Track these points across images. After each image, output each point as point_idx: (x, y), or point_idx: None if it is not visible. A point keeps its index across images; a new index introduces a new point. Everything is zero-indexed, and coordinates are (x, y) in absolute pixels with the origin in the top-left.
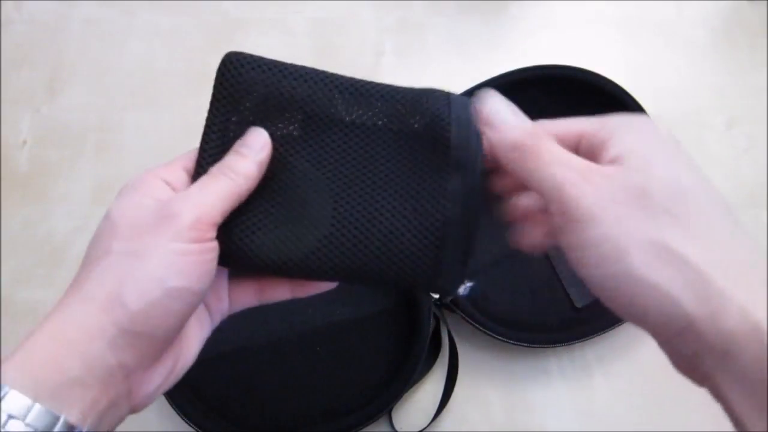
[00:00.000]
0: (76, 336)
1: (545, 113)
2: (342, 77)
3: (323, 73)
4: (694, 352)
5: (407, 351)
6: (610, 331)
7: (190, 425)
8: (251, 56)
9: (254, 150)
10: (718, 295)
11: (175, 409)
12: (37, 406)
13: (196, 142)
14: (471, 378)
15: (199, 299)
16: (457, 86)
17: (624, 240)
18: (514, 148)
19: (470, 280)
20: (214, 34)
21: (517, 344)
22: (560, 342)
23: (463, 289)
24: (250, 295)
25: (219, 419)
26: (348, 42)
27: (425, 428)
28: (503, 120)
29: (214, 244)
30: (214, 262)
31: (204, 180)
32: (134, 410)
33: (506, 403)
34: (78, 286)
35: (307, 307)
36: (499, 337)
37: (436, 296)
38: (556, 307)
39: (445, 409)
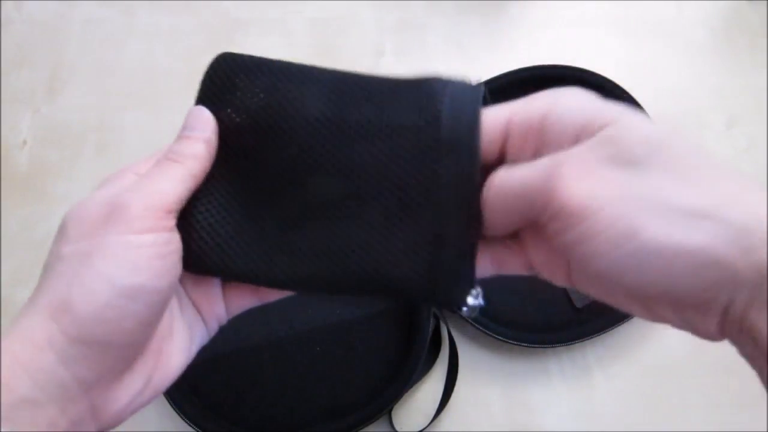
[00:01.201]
0: (22, 350)
1: None
2: (330, 72)
3: (311, 69)
4: (729, 299)
5: (407, 351)
6: (610, 331)
7: (189, 425)
8: (240, 57)
9: (197, 129)
10: (740, 230)
11: (174, 409)
12: None
13: None
14: (471, 378)
15: (162, 299)
16: None
17: (628, 213)
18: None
19: (478, 284)
20: (214, 34)
21: (517, 344)
22: (560, 342)
23: (473, 298)
24: (247, 295)
25: (219, 419)
26: (348, 42)
27: (425, 428)
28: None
29: (172, 235)
30: (174, 256)
31: (152, 169)
32: (105, 429)
33: (506, 403)
34: (31, 298)
35: (307, 307)
36: (499, 337)
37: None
38: (556, 307)
39: (445, 409)
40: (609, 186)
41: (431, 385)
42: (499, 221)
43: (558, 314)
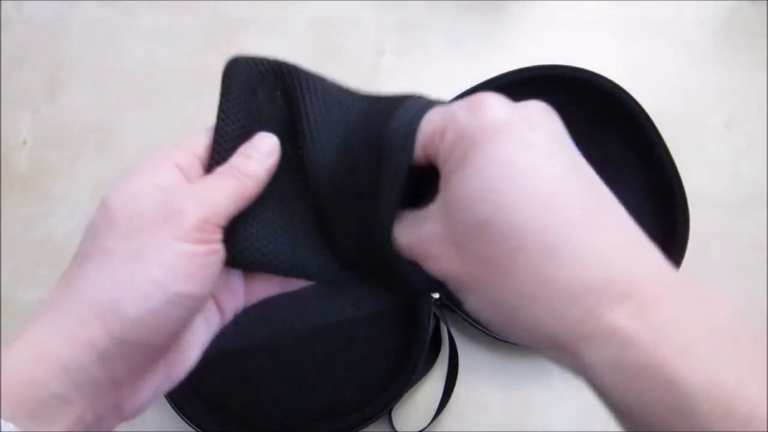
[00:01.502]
0: (60, 346)
1: None
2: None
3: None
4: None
5: (407, 351)
6: None
7: (190, 425)
8: (255, 57)
9: (263, 153)
10: (531, 327)
11: (175, 409)
12: (12, 427)
13: None
14: (471, 378)
15: (200, 306)
16: (457, 86)
17: (463, 290)
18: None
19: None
20: (214, 34)
21: (517, 344)
22: None
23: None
24: (273, 283)
25: (219, 419)
26: (348, 42)
27: (425, 428)
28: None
29: (219, 247)
30: (219, 266)
31: (211, 178)
32: (123, 421)
33: (506, 403)
34: (67, 286)
35: (307, 307)
36: (499, 337)
37: (436, 296)
38: None
39: (445, 409)
40: (453, 267)
41: (431, 385)
42: None
43: None
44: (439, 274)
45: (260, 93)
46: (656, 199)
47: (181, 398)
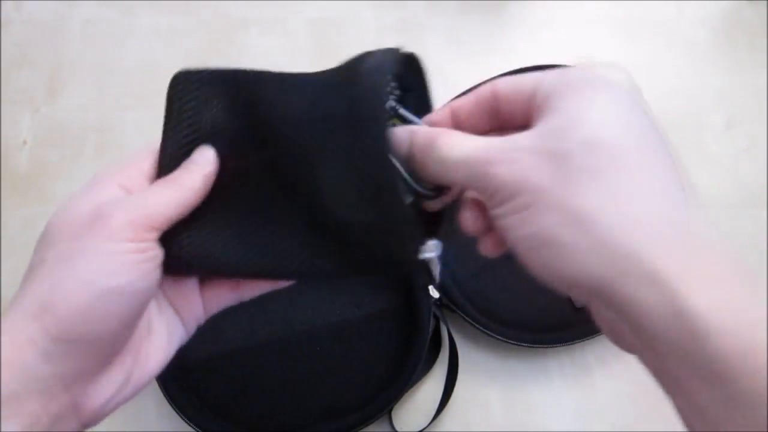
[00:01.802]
0: (6, 347)
1: None
2: (274, 74)
3: (261, 74)
4: (612, 316)
5: (407, 351)
6: None
7: (190, 425)
8: (198, 70)
9: (200, 165)
10: (626, 255)
11: (175, 410)
12: None
13: None
14: (471, 378)
15: (139, 301)
16: (457, 86)
17: (539, 205)
18: (424, 166)
19: (434, 238)
20: (214, 34)
21: (517, 344)
22: (560, 342)
23: (431, 251)
24: (226, 294)
25: (219, 419)
26: (348, 42)
27: (425, 428)
28: (402, 147)
29: (153, 246)
30: (153, 263)
31: (147, 188)
32: (86, 425)
33: (506, 403)
34: (14, 300)
35: (307, 307)
36: (499, 337)
37: (437, 296)
38: (556, 307)
39: (445, 409)
40: (536, 177)
41: (431, 385)
42: (443, 178)
43: (558, 314)
44: (511, 179)
45: (210, 102)
46: None
47: (181, 398)
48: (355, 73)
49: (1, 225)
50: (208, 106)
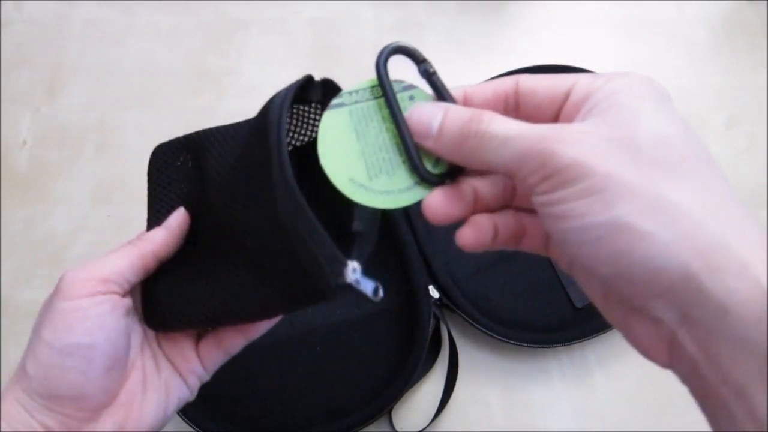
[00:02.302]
0: (5, 404)
1: None
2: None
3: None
4: (684, 313)
5: (407, 351)
6: (610, 331)
7: (190, 425)
8: (170, 142)
9: (170, 223)
10: (717, 246)
11: None
12: None
13: None
14: (471, 378)
15: (101, 352)
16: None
17: (613, 190)
18: (459, 143)
19: (356, 259)
20: (214, 34)
21: (517, 344)
22: (560, 342)
23: (353, 272)
24: (215, 351)
25: (219, 419)
26: (348, 42)
27: (425, 428)
28: (431, 122)
29: (109, 298)
30: (109, 315)
31: (109, 251)
32: None
33: (506, 403)
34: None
35: (308, 307)
36: (499, 337)
37: (437, 296)
38: (556, 307)
39: (445, 409)
40: (608, 164)
41: (431, 385)
42: (476, 163)
43: (558, 314)
44: (580, 160)
45: (179, 166)
46: None
47: None
48: (261, 113)
49: (1, 225)
50: (179, 174)
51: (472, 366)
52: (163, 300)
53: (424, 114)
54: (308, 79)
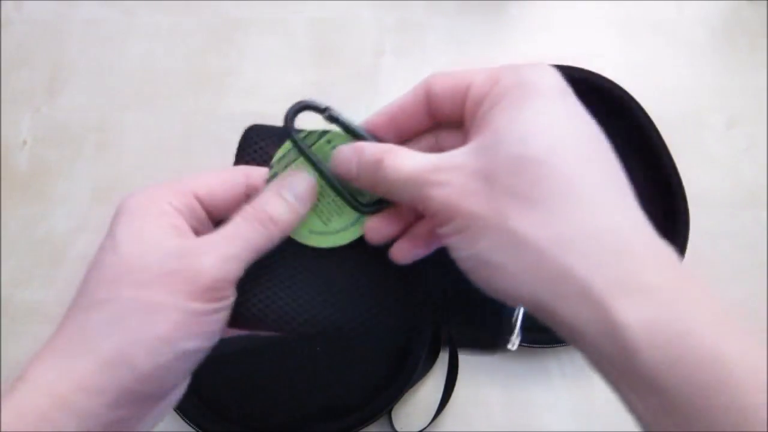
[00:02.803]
0: (73, 393)
1: None
2: None
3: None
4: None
5: (407, 351)
6: None
7: (190, 425)
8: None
9: (300, 199)
10: (560, 275)
11: (175, 409)
12: None
13: (195, 142)
14: (471, 378)
15: (206, 355)
16: None
17: (474, 228)
18: (374, 183)
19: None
20: (214, 34)
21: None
22: (560, 342)
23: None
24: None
25: (219, 419)
26: (348, 42)
27: (425, 428)
28: (350, 167)
29: (230, 302)
30: (226, 320)
31: (238, 223)
32: None
33: (506, 403)
34: (79, 332)
35: None
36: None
37: None
38: None
39: (445, 409)
40: (469, 202)
41: (431, 385)
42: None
43: None
44: (447, 202)
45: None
46: (656, 199)
47: (181, 398)
48: None
49: (1, 225)
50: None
51: (472, 366)
52: (258, 305)
53: (343, 161)
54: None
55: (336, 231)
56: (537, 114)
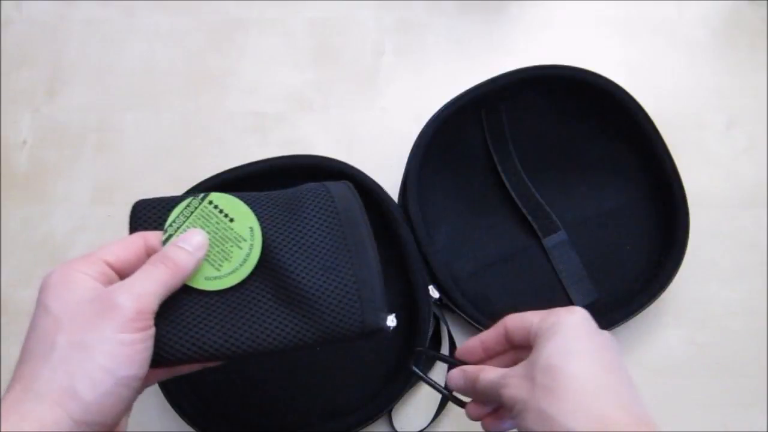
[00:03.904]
0: (34, 430)
1: (545, 113)
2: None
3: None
4: None
5: (407, 351)
6: (610, 332)
7: (190, 425)
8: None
9: (193, 246)
10: None
11: (175, 409)
12: None
13: (195, 142)
14: None
15: (142, 383)
16: (457, 86)
17: (525, 411)
18: (467, 387)
19: (389, 312)
20: (214, 34)
21: None
22: None
23: (390, 321)
24: (163, 373)
25: (219, 419)
26: (348, 42)
27: (425, 428)
28: (456, 378)
29: (153, 330)
30: (151, 349)
31: (145, 268)
32: None
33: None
34: (27, 382)
35: None
36: None
37: (437, 296)
38: (556, 306)
39: (445, 409)
40: (520, 393)
41: None
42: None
43: None
44: (511, 396)
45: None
46: (656, 199)
47: (181, 398)
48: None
49: (1, 225)
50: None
51: None
52: (172, 338)
53: (454, 378)
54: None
55: (228, 273)
56: (562, 339)
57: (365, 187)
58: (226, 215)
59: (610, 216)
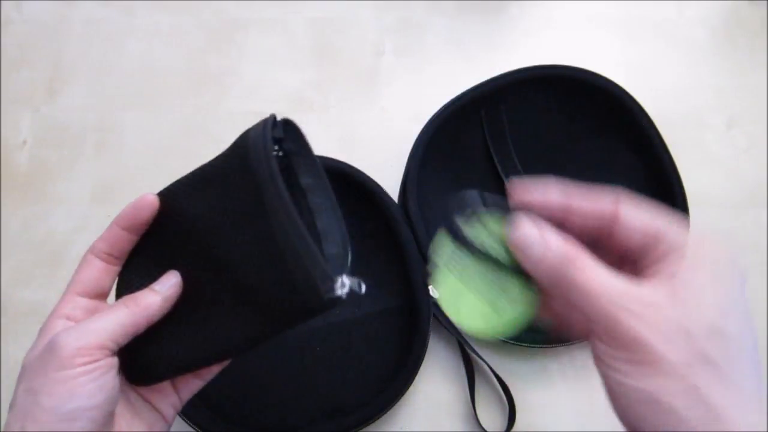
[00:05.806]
0: None
1: (545, 113)
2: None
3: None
4: None
5: (407, 351)
6: None
7: (190, 425)
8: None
9: (165, 286)
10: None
11: None
12: None
13: (195, 142)
14: None
15: (102, 411)
16: (457, 86)
17: (658, 367)
18: (550, 277)
19: (346, 274)
20: (214, 34)
21: (517, 344)
22: (560, 342)
23: (341, 287)
24: (192, 380)
25: (219, 419)
26: (348, 42)
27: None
28: (531, 246)
29: (105, 362)
30: (106, 377)
31: (102, 311)
32: None
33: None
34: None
35: None
36: (500, 338)
37: (437, 295)
38: None
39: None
40: (662, 345)
41: (431, 385)
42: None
43: None
44: (636, 334)
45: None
46: (656, 199)
47: None
48: (238, 151)
49: (1, 225)
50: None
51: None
52: (150, 356)
53: (526, 231)
54: (274, 119)
55: (508, 314)
56: (729, 290)
57: (365, 187)
58: None
59: None
